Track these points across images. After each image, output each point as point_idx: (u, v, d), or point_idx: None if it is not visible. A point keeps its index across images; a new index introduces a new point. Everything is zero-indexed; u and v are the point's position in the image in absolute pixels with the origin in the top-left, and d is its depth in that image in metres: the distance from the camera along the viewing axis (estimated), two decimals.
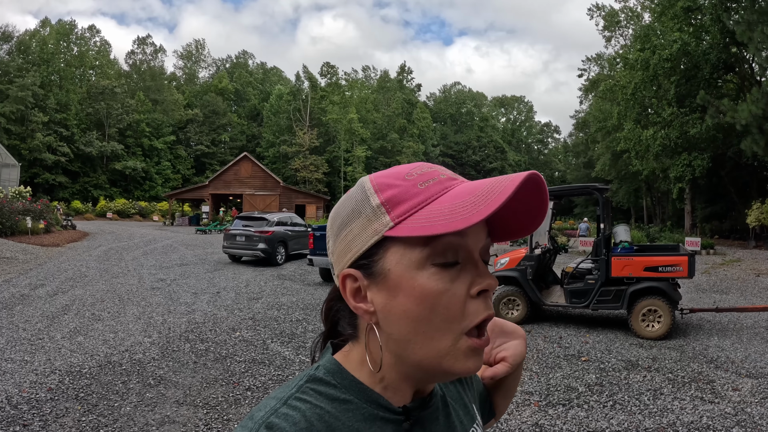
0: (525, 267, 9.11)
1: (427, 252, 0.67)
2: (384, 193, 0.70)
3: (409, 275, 0.68)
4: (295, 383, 0.73)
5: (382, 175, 0.74)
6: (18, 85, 58.62)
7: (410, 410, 0.75)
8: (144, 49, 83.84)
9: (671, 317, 7.99)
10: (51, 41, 69.87)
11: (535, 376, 6.26)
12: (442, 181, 0.71)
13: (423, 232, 0.64)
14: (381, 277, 0.70)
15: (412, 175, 0.72)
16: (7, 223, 20.89)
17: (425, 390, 0.79)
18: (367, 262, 0.71)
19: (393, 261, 0.69)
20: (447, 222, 0.63)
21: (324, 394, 0.71)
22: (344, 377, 0.74)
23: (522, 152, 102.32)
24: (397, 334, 0.70)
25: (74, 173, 65.35)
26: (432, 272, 0.67)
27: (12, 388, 5.49)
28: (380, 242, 0.69)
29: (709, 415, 5.00)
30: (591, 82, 56.14)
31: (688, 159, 28.50)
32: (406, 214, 0.68)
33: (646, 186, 48.10)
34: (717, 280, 14.87)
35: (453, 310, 0.68)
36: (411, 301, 0.68)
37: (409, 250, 0.68)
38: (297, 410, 0.68)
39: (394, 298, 0.69)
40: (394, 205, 0.69)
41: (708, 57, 27.95)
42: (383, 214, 0.69)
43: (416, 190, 0.70)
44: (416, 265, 0.67)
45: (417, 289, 0.67)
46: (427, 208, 0.67)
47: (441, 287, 0.67)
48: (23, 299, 10.26)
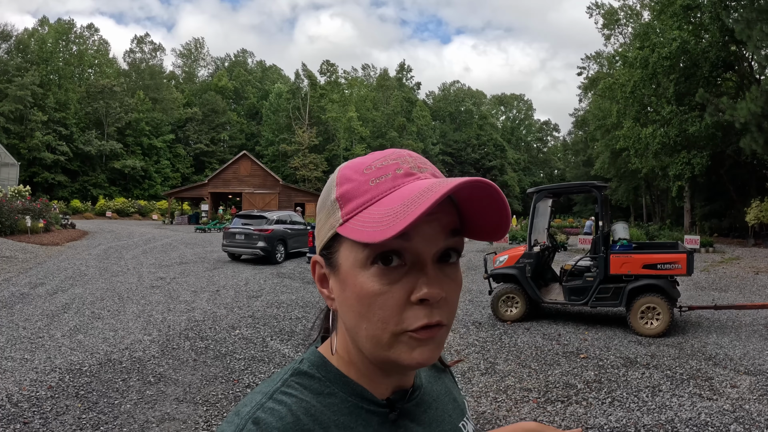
0: (524, 264, 9.13)
1: (367, 252, 0.66)
2: (341, 187, 0.71)
3: (353, 272, 0.68)
4: (280, 377, 0.74)
5: (348, 166, 0.74)
6: (17, 84, 58.55)
7: (394, 402, 0.76)
8: (143, 48, 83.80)
9: (670, 314, 8.01)
10: (50, 40, 69.74)
11: (534, 373, 6.27)
12: (395, 177, 0.69)
13: (354, 236, 0.65)
14: (336, 269, 0.71)
15: (371, 168, 0.71)
16: (6, 222, 20.88)
17: (407, 383, 0.79)
18: (328, 252, 0.72)
19: (343, 256, 0.69)
20: (373, 230, 0.62)
21: (309, 387, 0.72)
22: (328, 370, 0.74)
23: (521, 150, 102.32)
24: (348, 324, 0.71)
25: (73, 172, 65.31)
26: (372, 273, 0.66)
27: (12, 386, 5.51)
28: (337, 236, 0.70)
29: (708, 412, 5.02)
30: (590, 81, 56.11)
31: (688, 157, 28.48)
32: (353, 212, 0.68)
33: (645, 184, 48.13)
34: (716, 278, 14.88)
35: (388, 313, 0.66)
36: (353, 297, 0.68)
37: (355, 248, 0.68)
38: (283, 404, 0.68)
39: (344, 291, 0.70)
40: (345, 202, 0.69)
41: (707, 55, 27.94)
42: (337, 209, 0.70)
43: (366, 187, 0.69)
44: (360, 263, 0.67)
45: (357, 286, 0.67)
46: (369, 210, 0.66)
47: (377, 289, 0.66)
48: (23, 298, 10.27)
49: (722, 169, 31.67)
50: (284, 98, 75.06)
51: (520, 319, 9.15)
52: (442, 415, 0.84)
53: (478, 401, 5.31)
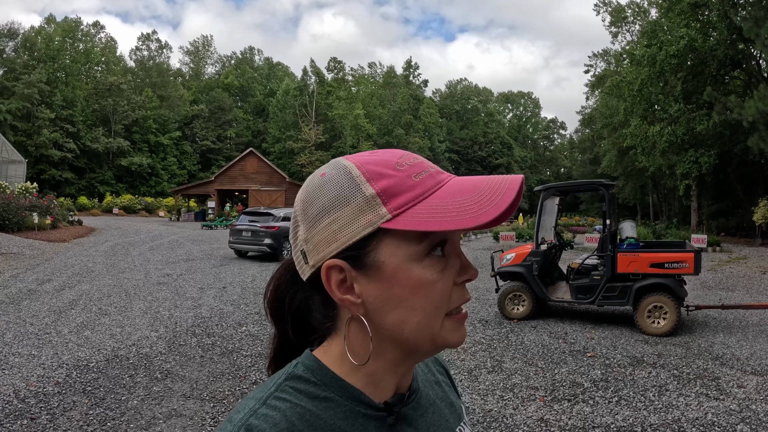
0: (531, 263, 9.11)
1: (425, 245, 0.68)
2: (378, 182, 0.68)
3: (406, 267, 0.67)
4: (274, 382, 0.72)
5: (368, 162, 0.72)
6: (24, 81, 58.80)
7: (392, 406, 0.75)
8: (149, 46, 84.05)
9: (677, 314, 7.97)
10: (56, 38, 69.92)
11: (541, 372, 6.26)
12: (433, 174, 0.71)
13: (429, 227, 0.64)
14: (373, 269, 0.68)
15: (402, 165, 0.71)
16: (13, 219, 20.98)
17: (404, 385, 0.79)
18: (357, 254, 0.69)
19: (388, 253, 0.68)
20: (455, 219, 0.64)
21: (304, 392, 0.71)
22: (324, 374, 0.73)
23: (528, 148, 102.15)
24: (390, 323, 0.70)
25: (80, 169, 65.60)
26: (427, 263, 0.68)
27: (20, 382, 5.53)
28: (374, 234, 0.67)
29: (714, 412, 5.00)
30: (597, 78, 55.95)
31: (695, 156, 28.36)
32: (404, 207, 0.67)
33: (652, 183, 47.97)
34: (723, 278, 14.82)
35: (443, 298, 0.69)
36: (407, 291, 0.68)
37: (405, 242, 0.67)
38: (277, 410, 0.67)
39: (389, 289, 0.68)
40: (390, 197, 0.67)
41: (715, 53, 27.79)
42: (379, 205, 0.67)
43: (411, 182, 0.69)
44: (412, 257, 0.67)
45: (413, 279, 0.67)
46: (426, 203, 0.67)
47: (435, 277, 0.68)
48: (30, 294, 10.32)
49: (730, 168, 31.53)
50: (291, 95, 75.10)
51: (526, 318, 9.14)
52: (438, 419, 0.83)
53: (485, 399, 5.31)
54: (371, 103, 79.06)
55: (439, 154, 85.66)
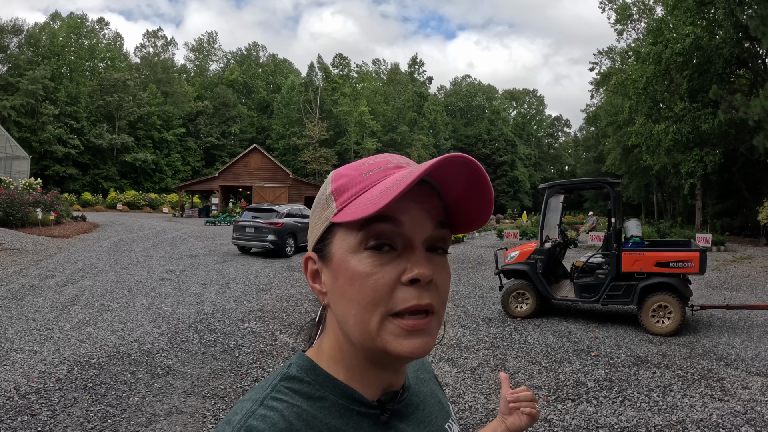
0: (535, 261, 9.07)
1: (361, 237, 0.70)
2: (335, 182, 0.75)
3: (345, 258, 0.71)
4: (269, 383, 0.75)
5: (344, 167, 0.78)
6: (28, 77, 58.88)
7: (385, 403, 0.77)
8: (155, 42, 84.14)
9: (681, 314, 7.93)
10: (61, 34, 70.00)
11: (544, 371, 6.22)
12: (386, 169, 0.74)
13: (347, 217, 0.69)
14: (328, 260, 0.74)
15: (363, 165, 0.76)
16: (17, 214, 20.98)
17: (397, 383, 0.81)
18: (320, 247, 0.76)
19: (337, 245, 0.73)
20: (368, 206, 0.67)
21: (299, 392, 0.73)
22: (317, 374, 0.75)
23: (532, 146, 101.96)
24: (339, 315, 0.73)
25: (84, 165, 65.69)
26: (364, 256, 0.70)
27: (20, 377, 5.52)
28: (330, 228, 0.74)
29: (719, 413, 4.96)
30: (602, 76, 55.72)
31: (700, 154, 28.23)
32: (348, 201, 0.72)
33: (657, 181, 47.82)
34: (727, 277, 14.75)
35: (379, 293, 0.69)
36: (345, 282, 0.71)
37: (348, 234, 0.71)
38: (275, 410, 0.69)
39: (336, 280, 0.73)
40: (340, 194, 0.73)
41: (721, 51, 27.64)
42: (332, 201, 0.74)
43: (360, 178, 0.73)
44: (352, 249, 0.71)
45: (349, 270, 0.70)
46: (364, 195, 0.70)
47: (368, 270, 0.69)
48: (33, 290, 10.31)
49: (735, 167, 31.39)
50: (296, 92, 75.06)
51: (530, 316, 9.10)
52: (429, 416, 0.86)
53: (488, 398, 5.27)
54: (375, 99, 79.01)
55: (444, 152, 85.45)
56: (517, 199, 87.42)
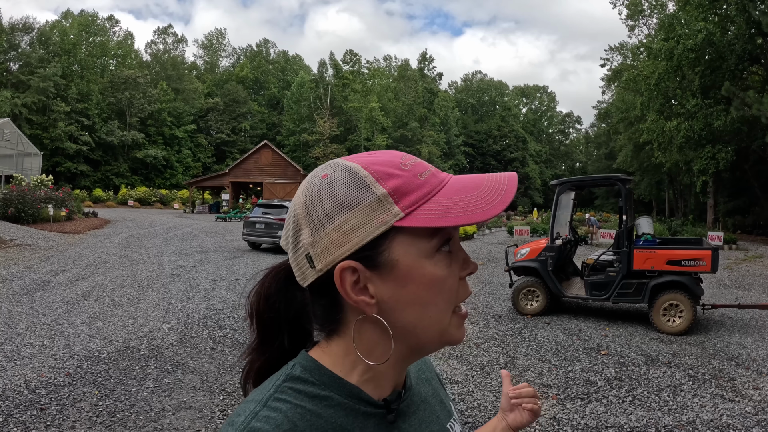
0: (545, 258, 9.02)
1: (435, 242, 0.70)
2: (387, 182, 0.69)
3: (419, 264, 0.69)
4: (273, 383, 0.72)
5: (373, 162, 0.72)
6: (39, 75, 59.29)
7: (390, 402, 0.76)
8: (165, 39, 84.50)
9: (693, 312, 7.85)
10: (72, 32, 70.41)
11: (554, 369, 6.19)
12: (435, 174, 0.73)
13: (442, 223, 0.66)
14: (387, 268, 0.69)
15: (406, 165, 0.72)
16: (29, 210, 21.15)
17: (400, 382, 0.80)
18: (371, 254, 0.69)
19: (401, 251, 0.69)
20: (466, 214, 0.67)
21: (303, 392, 0.71)
22: (322, 374, 0.73)
23: (543, 142, 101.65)
24: (403, 322, 0.71)
25: (96, 162, 66.12)
26: (437, 259, 0.70)
27: (30, 372, 5.55)
28: (385, 233, 0.68)
29: (729, 414, 4.91)
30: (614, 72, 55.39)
31: (712, 152, 28.02)
32: (415, 204, 0.68)
33: (668, 178, 47.51)
34: (739, 276, 14.64)
35: (452, 292, 0.72)
36: (421, 288, 0.70)
37: (417, 240, 0.69)
38: (278, 411, 0.67)
39: (404, 287, 0.69)
40: (401, 196, 0.68)
41: (733, 48, 27.39)
42: (391, 204, 0.68)
43: (418, 181, 0.70)
44: (425, 254, 0.69)
45: (427, 276, 0.69)
46: (435, 200, 0.69)
47: (445, 273, 0.71)
48: (44, 285, 10.38)
49: (747, 164, 31.14)
50: (306, 88, 75.12)
51: (540, 313, 9.06)
52: (430, 415, 0.85)
53: (497, 396, 5.25)
54: (386, 96, 78.98)
55: (455, 148, 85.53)
56: (527, 195, 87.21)
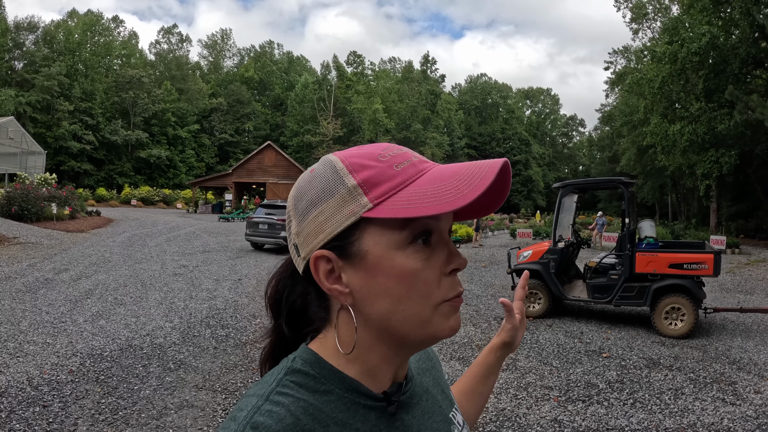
0: (548, 260, 9.02)
1: (406, 233, 0.68)
2: (359, 173, 0.70)
3: (388, 255, 0.68)
4: (274, 377, 0.72)
5: (353, 155, 0.73)
6: (44, 74, 59.43)
7: (390, 395, 0.75)
8: (170, 39, 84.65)
9: (695, 316, 7.85)
10: (77, 32, 70.60)
11: (555, 371, 6.19)
12: (415, 163, 0.72)
13: (407, 213, 0.65)
14: (358, 258, 0.69)
15: (385, 156, 0.72)
16: (32, 209, 21.19)
17: (400, 375, 0.80)
18: (342, 244, 0.70)
19: (371, 242, 0.69)
20: (432, 204, 0.64)
21: (305, 386, 0.71)
22: (322, 367, 0.73)
23: (546, 145, 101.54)
24: (376, 313, 0.70)
25: (99, 161, 66.29)
26: (410, 252, 0.68)
27: (33, 369, 5.57)
28: (357, 223, 0.69)
29: (731, 418, 4.91)
30: (617, 75, 55.36)
31: (716, 155, 27.93)
32: (385, 195, 0.68)
33: (671, 182, 47.44)
34: (741, 280, 14.61)
35: (429, 287, 0.69)
36: (391, 280, 0.69)
37: (388, 231, 0.68)
38: (281, 405, 0.67)
39: (374, 278, 0.69)
40: (371, 187, 0.68)
41: (737, 51, 27.30)
42: (360, 195, 0.68)
43: (392, 171, 0.70)
44: (395, 245, 0.68)
45: (396, 268, 0.68)
46: (407, 191, 0.68)
47: (419, 266, 0.68)
48: (47, 283, 10.40)
49: (750, 168, 31.05)
50: (310, 89, 75.18)
51: (542, 316, 9.06)
52: (432, 406, 0.84)
53: (498, 398, 5.25)
54: (390, 98, 79.01)
55: (458, 150, 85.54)
56: (530, 198, 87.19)
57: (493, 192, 0.75)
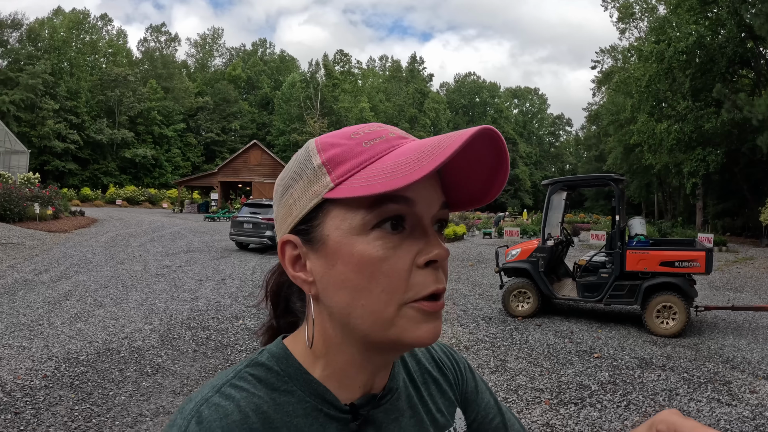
0: (537, 259, 8.88)
1: (370, 217, 0.60)
2: (326, 152, 0.63)
3: (348, 241, 0.61)
4: (234, 368, 0.66)
5: (329, 135, 0.67)
6: (28, 72, 58.78)
7: (358, 408, 0.67)
8: (158, 37, 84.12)
9: (686, 314, 7.73)
10: (62, 30, 69.99)
11: (546, 373, 6.04)
12: (390, 139, 0.64)
13: (361, 192, 0.57)
14: (320, 244, 0.63)
15: (358, 134, 0.65)
16: (15, 209, 20.84)
17: (378, 384, 0.70)
18: (306, 227, 0.64)
19: (333, 226, 0.62)
20: (387, 180, 0.56)
21: (264, 381, 0.64)
22: (289, 364, 0.66)
23: (533, 144, 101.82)
24: (336, 306, 0.63)
25: (84, 160, 65.69)
26: (373, 238, 0.60)
27: (7, 374, 5.35)
28: (321, 205, 0.62)
29: (727, 419, 4.78)
30: (604, 75, 55.53)
31: (702, 154, 28.06)
32: (348, 174, 0.61)
33: (658, 181, 47.60)
34: (730, 278, 14.59)
35: (394, 280, 0.60)
36: (349, 269, 0.60)
37: (351, 213, 0.61)
38: (231, 399, 0.61)
39: (333, 267, 0.62)
40: (335, 165, 0.62)
41: (724, 50, 27.42)
42: (324, 174, 0.62)
43: (360, 148, 0.62)
44: (357, 230, 0.60)
45: (356, 256, 0.60)
46: (371, 168, 0.60)
47: (381, 254, 0.60)
48: (26, 285, 10.14)
49: (737, 167, 31.21)
50: (297, 88, 74.97)
51: (531, 315, 8.92)
52: (415, 426, 0.73)
53: None
54: (377, 97, 78.99)
55: None
56: (517, 197, 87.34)
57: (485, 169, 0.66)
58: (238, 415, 0.59)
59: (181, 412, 0.60)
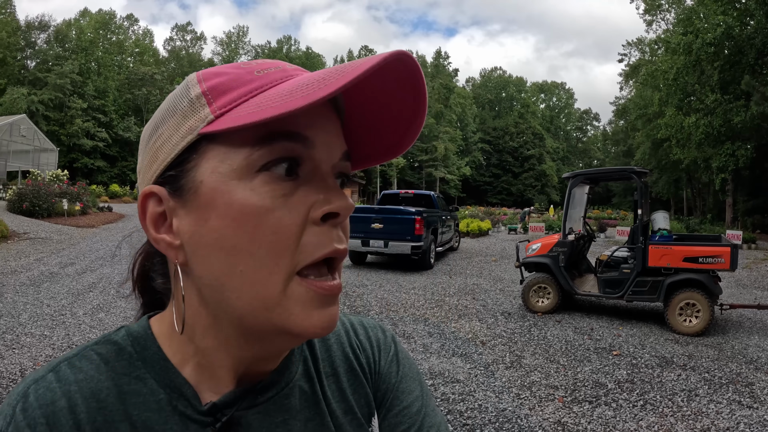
0: (557, 253, 8.76)
1: (257, 155, 0.48)
2: (209, 81, 0.51)
3: (225, 188, 0.48)
4: (83, 344, 0.54)
5: (212, 67, 0.53)
6: (56, 72, 59.84)
7: (221, 407, 0.53)
8: (183, 36, 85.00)
9: (710, 312, 7.56)
10: (89, 30, 71.14)
11: (562, 369, 5.96)
12: (287, 70, 0.52)
13: (247, 119, 0.45)
14: (191, 193, 0.49)
15: (249, 64, 0.53)
16: (43, 205, 21.22)
17: (262, 369, 0.57)
18: (176, 173, 0.50)
19: (208, 168, 0.49)
20: (280, 104, 0.44)
21: (111, 364, 0.52)
22: (147, 347, 0.54)
23: (560, 139, 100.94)
24: (207, 276, 0.49)
25: (112, 158, 66.73)
26: (258, 183, 0.48)
27: (27, 361, 5.47)
28: (196, 145, 0.49)
29: (747, 422, 4.64)
30: (632, 68, 54.74)
31: (732, 148, 27.48)
32: (234, 103, 0.48)
33: (686, 176, 46.84)
34: (758, 276, 14.26)
35: (282, 238, 0.47)
36: (226, 223, 0.48)
37: (233, 152, 0.48)
38: (61, 382, 0.49)
39: (206, 222, 0.49)
40: (218, 95, 0.49)
41: (753, 41, 26.79)
42: (203, 105, 0.49)
43: (251, 77, 0.50)
44: (238, 173, 0.48)
45: (235, 206, 0.47)
46: (262, 96, 0.48)
47: (268, 204, 0.47)
48: (51, 277, 10.32)
49: (767, 162, 30.53)
50: None
51: (551, 311, 8.81)
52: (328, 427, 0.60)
53: (500, 397, 5.03)
54: None
55: (472, 144, 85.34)
56: (544, 193, 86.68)
57: (395, 112, 0.55)
58: (64, 403, 0.48)
59: (10, 395, 0.50)
